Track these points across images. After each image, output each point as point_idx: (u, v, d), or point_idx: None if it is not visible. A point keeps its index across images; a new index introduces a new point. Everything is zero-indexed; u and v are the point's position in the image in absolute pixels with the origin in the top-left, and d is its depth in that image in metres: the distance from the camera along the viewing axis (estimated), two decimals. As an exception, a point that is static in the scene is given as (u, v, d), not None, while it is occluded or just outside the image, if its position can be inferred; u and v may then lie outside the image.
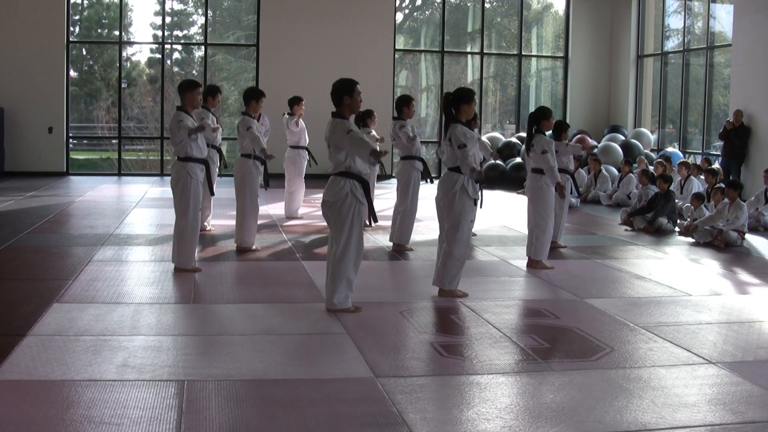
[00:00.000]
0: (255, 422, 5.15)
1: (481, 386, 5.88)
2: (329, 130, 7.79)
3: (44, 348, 6.62)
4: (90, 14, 25.02)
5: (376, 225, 12.31)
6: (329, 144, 7.81)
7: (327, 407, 5.41)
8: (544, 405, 5.54)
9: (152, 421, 5.09)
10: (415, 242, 11.79)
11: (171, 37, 24.96)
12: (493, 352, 6.77)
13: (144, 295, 8.64)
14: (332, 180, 7.80)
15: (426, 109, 25.92)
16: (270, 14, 23.01)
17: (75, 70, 24.33)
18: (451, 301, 8.49)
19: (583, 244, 12.31)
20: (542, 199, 10.37)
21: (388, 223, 12.09)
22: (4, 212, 14.64)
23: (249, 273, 9.62)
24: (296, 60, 22.88)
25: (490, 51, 25.53)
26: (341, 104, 7.89)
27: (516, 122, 25.32)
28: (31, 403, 5.41)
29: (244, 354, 6.60)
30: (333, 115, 7.88)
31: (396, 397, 5.57)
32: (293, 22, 22.90)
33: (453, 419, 5.21)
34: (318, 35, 23.01)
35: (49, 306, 7.92)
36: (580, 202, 17.51)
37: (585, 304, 8.56)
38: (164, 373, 6.10)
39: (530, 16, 26.30)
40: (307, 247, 11.60)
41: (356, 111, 8.13)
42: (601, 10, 25.15)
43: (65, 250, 10.78)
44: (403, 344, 7.02)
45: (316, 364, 6.39)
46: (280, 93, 21.08)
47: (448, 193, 8.45)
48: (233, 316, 7.58)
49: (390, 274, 10.02)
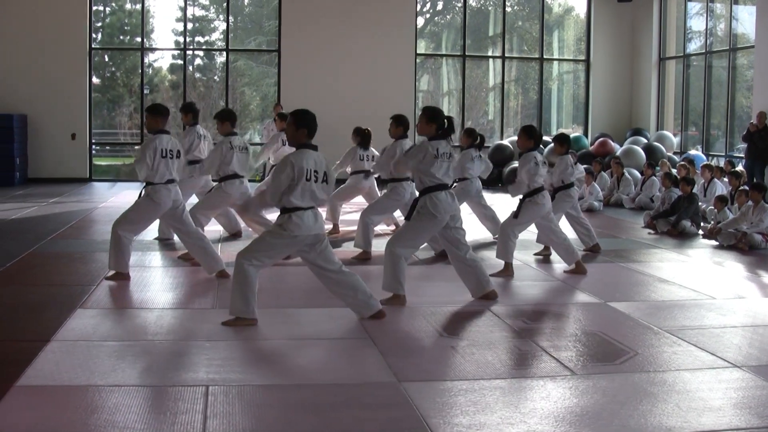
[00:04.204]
0: (278, 427, 5.16)
1: (504, 390, 5.87)
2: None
3: (68, 353, 6.64)
4: (112, 21, 25.15)
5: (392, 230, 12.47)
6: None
7: (350, 412, 5.41)
8: (568, 409, 5.52)
9: (176, 426, 5.09)
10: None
11: (193, 43, 25.05)
12: (516, 356, 6.76)
13: (167, 301, 8.67)
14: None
15: (448, 114, 25.81)
16: (291, 20, 23.05)
17: (97, 77, 24.44)
18: (475, 305, 8.47)
19: (606, 248, 12.25)
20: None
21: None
22: (28, 218, 14.72)
23: (271, 278, 9.61)
24: (318, 65, 22.90)
25: (511, 55, 25.49)
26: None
27: (538, 126, 25.24)
28: (54, 408, 5.43)
29: (266, 359, 6.62)
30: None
31: (419, 401, 5.55)
32: (315, 28, 22.93)
33: (476, 423, 5.20)
34: (339, 40, 23.03)
35: (73, 311, 7.95)
36: (602, 205, 17.45)
37: (608, 307, 8.53)
38: (188, 378, 6.11)
39: (551, 20, 26.25)
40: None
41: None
42: (622, 13, 25.06)
43: (88, 256, 10.82)
44: (426, 349, 7.01)
45: (338, 369, 6.40)
46: (302, 98, 21.17)
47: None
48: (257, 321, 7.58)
49: (411, 279, 9.98)
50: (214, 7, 25.66)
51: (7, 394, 5.59)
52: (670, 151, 21.96)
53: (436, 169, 8.35)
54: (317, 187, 7.31)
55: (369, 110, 21.52)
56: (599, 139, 22.19)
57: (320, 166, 7.34)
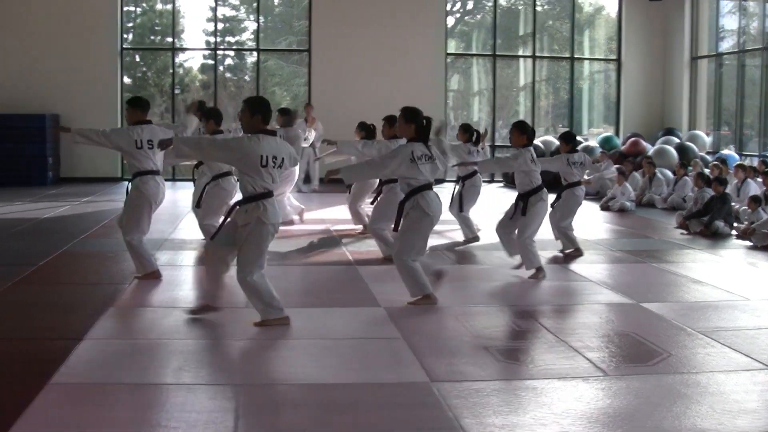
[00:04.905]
0: (311, 427, 5.17)
1: (537, 391, 5.85)
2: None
3: (100, 352, 6.69)
4: (143, 21, 25.28)
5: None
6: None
7: (383, 412, 5.41)
8: (601, 410, 5.50)
9: (209, 425, 5.11)
10: (475, 247, 11.83)
11: (223, 43, 25.11)
12: (549, 356, 6.73)
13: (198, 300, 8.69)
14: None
15: (478, 113, 25.85)
16: (321, 19, 23.08)
17: (128, 77, 24.55)
18: (507, 305, 8.45)
19: (639, 248, 12.19)
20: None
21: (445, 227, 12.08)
22: (60, 218, 14.82)
23: (303, 277, 9.65)
24: (348, 65, 22.91)
25: (542, 54, 25.40)
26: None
27: (569, 126, 25.13)
28: (87, 406, 5.47)
29: (299, 358, 6.62)
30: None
31: (452, 401, 5.55)
32: (345, 27, 22.93)
33: (509, 424, 5.18)
34: (370, 40, 23.02)
35: (105, 310, 8.00)
36: (635, 205, 17.36)
37: (641, 308, 8.48)
38: (220, 377, 6.14)
39: (582, 19, 26.14)
40: (360, 252, 11.59)
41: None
42: (653, 12, 24.89)
43: (120, 255, 10.86)
44: (459, 349, 6.99)
45: (371, 369, 6.40)
46: (333, 97, 21.25)
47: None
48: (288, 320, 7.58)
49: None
50: (244, 7, 25.72)
51: (41, 392, 5.63)
52: (703, 151, 21.79)
53: (418, 172, 8.17)
54: (276, 172, 7.34)
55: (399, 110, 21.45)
56: (631, 139, 22.06)
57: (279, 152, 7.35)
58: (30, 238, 12.70)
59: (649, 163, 18.75)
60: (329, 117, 19.69)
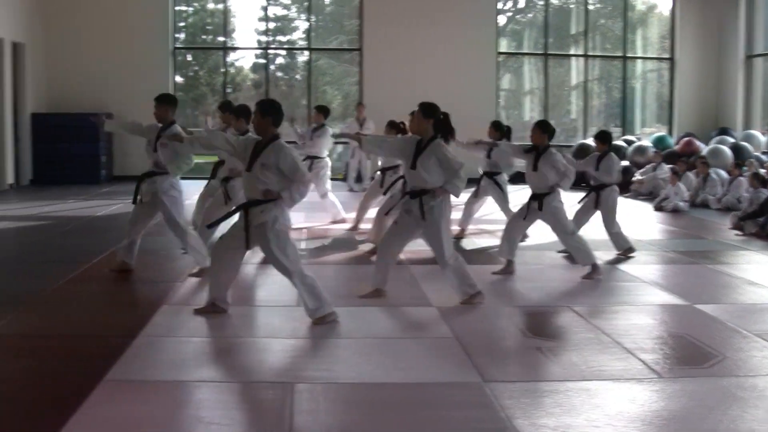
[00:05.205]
0: (364, 425, 5.18)
1: (590, 392, 5.81)
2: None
3: (155, 349, 6.75)
4: (194, 21, 25.47)
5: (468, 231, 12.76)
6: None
7: (434, 411, 5.41)
8: (655, 413, 5.45)
9: (261, 423, 5.15)
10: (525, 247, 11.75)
11: (274, 42, 25.21)
12: (602, 357, 6.68)
13: (252, 297, 8.76)
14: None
15: (530, 113, 25.74)
16: (372, 19, 23.08)
17: (180, 76, 24.75)
18: (559, 305, 8.41)
19: (693, 249, 12.07)
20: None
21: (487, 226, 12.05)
22: (114, 215, 14.97)
23: (354, 276, 9.65)
24: (399, 64, 22.87)
25: (594, 53, 25.22)
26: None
27: (621, 125, 24.93)
28: (141, 402, 5.52)
29: (351, 357, 6.63)
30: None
31: (504, 402, 5.53)
32: (396, 26, 22.90)
33: (562, 425, 5.15)
34: (421, 39, 22.97)
35: (160, 308, 8.06)
36: (688, 205, 17.17)
37: (695, 309, 8.39)
38: (273, 375, 6.17)
39: (635, 17, 25.91)
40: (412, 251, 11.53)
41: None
42: (707, 10, 24.61)
43: (174, 253, 10.94)
44: (511, 349, 6.98)
45: (423, 368, 6.40)
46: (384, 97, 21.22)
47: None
48: (340, 319, 7.59)
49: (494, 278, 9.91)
50: (295, 6, 25.81)
51: (96, 388, 5.69)
52: (758, 151, 21.48)
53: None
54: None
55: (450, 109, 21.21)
56: (684, 139, 21.82)
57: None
58: (83, 236, 12.86)
59: (703, 163, 18.54)
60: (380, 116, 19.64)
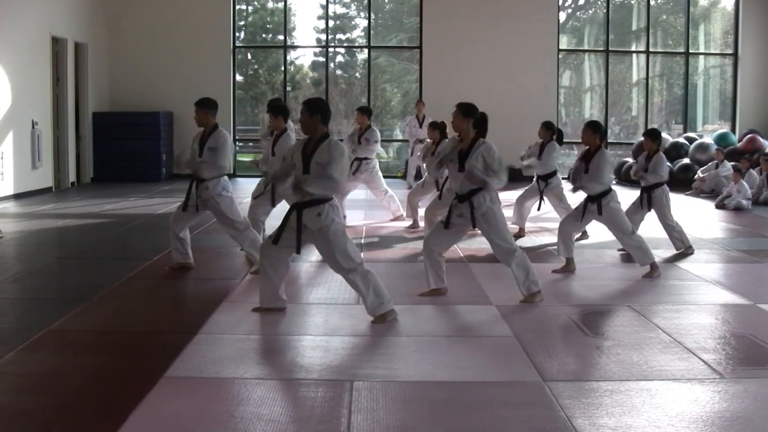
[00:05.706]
0: (423, 424, 5.18)
1: (651, 392, 5.74)
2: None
3: (214, 346, 6.79)
4: (255, 19, 25.67)
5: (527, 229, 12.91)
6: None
7: (494, 410, 5.38)
8: (718, 414, 5.37)
9: (321, 421, 5.15)
10: (585, 245, 11.69)
11: (334, 40, 25.31)
12: (663, 357, 6.60)
13: (311, 296, 8.78)
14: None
15: (590, 110, 25.55)
16: (432, 16, 23.08)
17: (240, 74, 24.96)
18: (619, 304, 8.34)
19: (756, 248, 11.91)
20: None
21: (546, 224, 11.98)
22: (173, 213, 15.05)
23: (413, 274, 9.63)
24: (459, 61, 22.87)
25: (655, 49, 24.98)
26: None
27: (683, 122, 24.65)
28: (202, 399, 5.57)
29: (410, 355, 6.63)
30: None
31: (564, 401, 5.49)
32: (455, 24, 22.89)
33: (623, 426, 5.10)
34: (480, 36, 22.94)
35: (218, 305, 8.13)
36: (751, 204, 16.93)
37: (759, 309, 8.27)
38: (332, 372, 6.18)
39: (697, 13, 25.60)
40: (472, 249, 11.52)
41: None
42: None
43: (232, 251, 11.02)
44: (571, 348, 6.93)
45: (482, 367, 6.38)
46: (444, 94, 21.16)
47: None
48: (399, 317, 7.59)
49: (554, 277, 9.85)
50: (355, 4, 25.91)
51: (157, 385, 5.75)
52: (823, 148, 21.17)
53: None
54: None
55: (510, 106, 21.47)
56: (747, 136, 21.51)
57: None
58: (144, 234, 13.01)
59: (767, 160, 18.28)
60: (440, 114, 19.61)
